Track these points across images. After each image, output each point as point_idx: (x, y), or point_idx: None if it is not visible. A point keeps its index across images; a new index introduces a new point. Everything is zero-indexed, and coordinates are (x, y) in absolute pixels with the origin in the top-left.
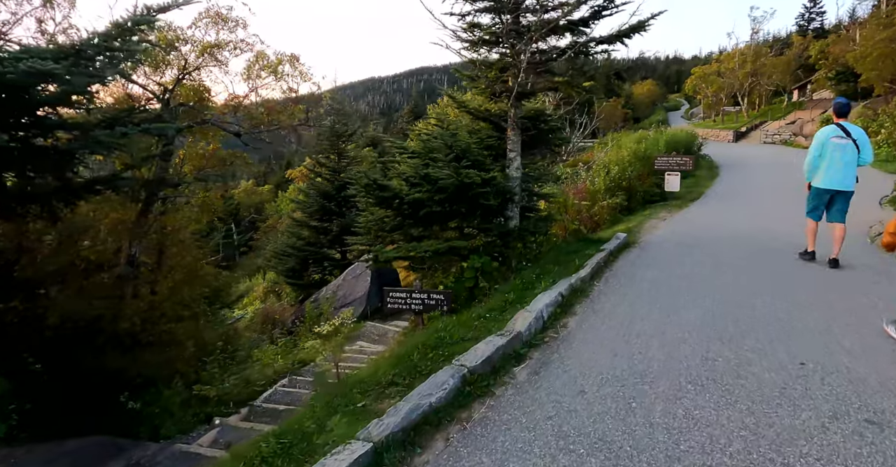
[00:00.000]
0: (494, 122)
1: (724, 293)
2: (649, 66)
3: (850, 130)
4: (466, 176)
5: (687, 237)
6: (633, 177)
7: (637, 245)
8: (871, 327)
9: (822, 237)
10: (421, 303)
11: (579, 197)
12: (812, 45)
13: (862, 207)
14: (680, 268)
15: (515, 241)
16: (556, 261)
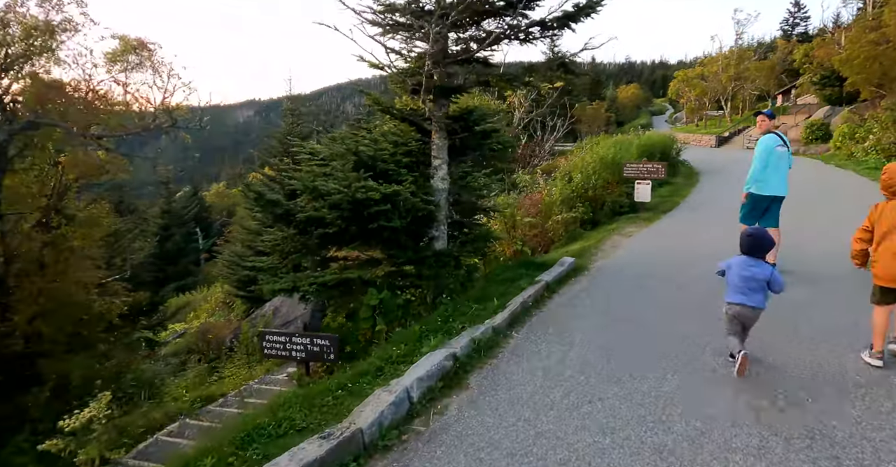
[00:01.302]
0: (416, 123)
1: (678, 361)
2: (635, 70)
3: (782, 136)
4: (359, 190)
5: (649, 262)
6: (599, 186)
7: (586, 273)
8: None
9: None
10: (303, 350)
11: (532, 210)
12: (796, 48)
13: (852, 219)
14: (629, 313)
15: (435, 269)
16: (481, 296)
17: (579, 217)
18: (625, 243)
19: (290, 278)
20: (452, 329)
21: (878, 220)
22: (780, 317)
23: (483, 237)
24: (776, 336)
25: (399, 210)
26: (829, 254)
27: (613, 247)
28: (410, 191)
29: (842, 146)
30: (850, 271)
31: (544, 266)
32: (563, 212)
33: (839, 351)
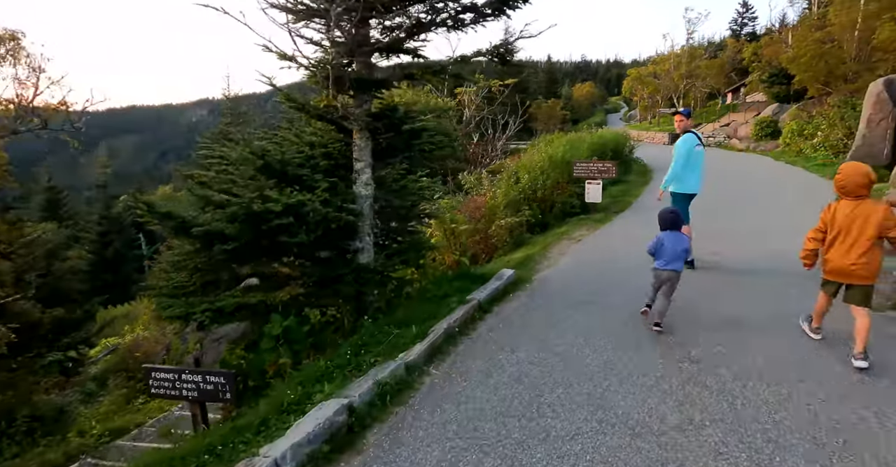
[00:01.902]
0: (335, 123)
1: (621, 408)
2: (591, 69)
3: (700, 138)
4: (255, 201)
5: (596, 271)
6: (548, 187)
7: (527, 287)
8: None
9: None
10: (195, 389)
11: (476, 214)
12: (745, 47)
13: (807, 218)
14: (568, 339)
15: (356, 287)
16: (406, 318)
17: (526, 221)
18: (572, 249)
19: (180, 303)
20: (362, 364)
21: (831, 221)
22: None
23: (417, 247)
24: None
25: (308, 222)
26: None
27: (560, 254)
28: (322, 199)
29: (791, 143)
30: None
31: (483, 279)
32: (507, 215)
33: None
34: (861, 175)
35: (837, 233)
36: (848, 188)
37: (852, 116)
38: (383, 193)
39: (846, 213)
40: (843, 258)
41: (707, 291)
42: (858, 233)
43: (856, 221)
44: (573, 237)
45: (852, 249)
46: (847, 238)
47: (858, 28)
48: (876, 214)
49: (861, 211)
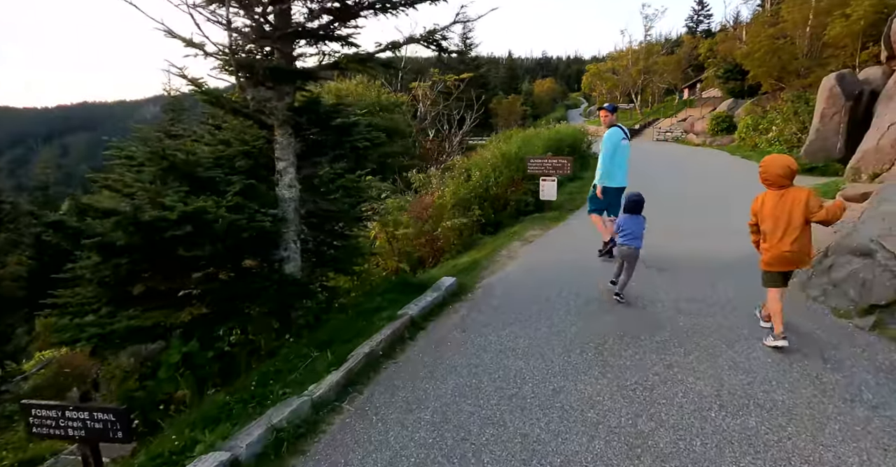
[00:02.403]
0: (252, 117)
1: None
2: (551, 65)
3: (626, 132)
4: (141, 208)
5: (546, 278)
6: (501, 185)
7: (468, 297)
8: None
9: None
10: (83, 427)
11: (423, 214)
12: (701, 43)
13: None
14: (507, 364)
15: (276, 302)
16: (330, 337)
17: (475, 221)
18: (522, 252)
19: (70, 326)
20: (269, 397)
21: (760, 213)
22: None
23: (352, 253)
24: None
25: (213, 231)
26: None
27: (509, 258)
28: (232, 204)
29: (746, 137)
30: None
31: (423, 287)
32: (456, 216)
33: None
34: (781, 167)
35: (769, 224)
36: (770, 180)
37: (806, 111)
38: (311, 195)
39: (773, 204)
40: (779, 245)
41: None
42: (788, 221)
43: (784, 210)
44: (525, 238)
45: (785, 237)
46: (778, 227)
47: (810, 24)
48: (801, 200)
49: (787, 199)
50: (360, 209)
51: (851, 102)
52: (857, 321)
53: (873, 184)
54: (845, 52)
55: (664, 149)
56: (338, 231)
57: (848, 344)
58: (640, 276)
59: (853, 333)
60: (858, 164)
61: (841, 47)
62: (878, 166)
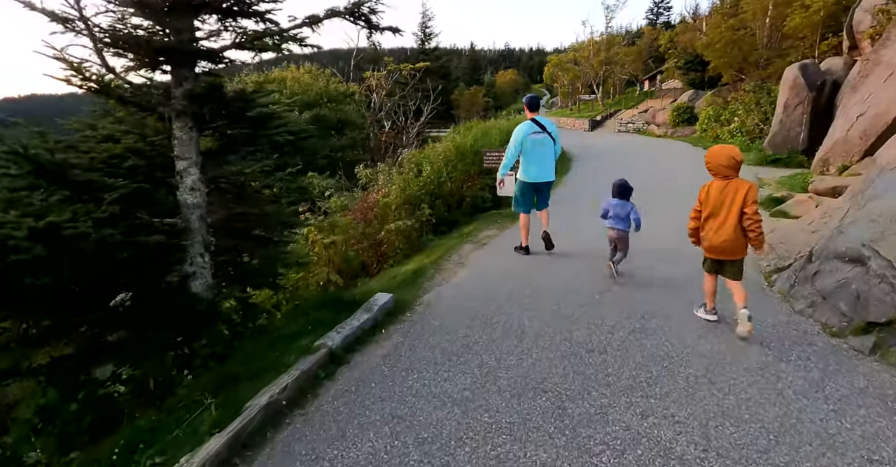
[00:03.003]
0: (143, 106)
1: None
2: (514, 57)
3: (545, 124)
4: None
5: (497, 288)
6: (456, 180)
7: (406, 317)
8: None
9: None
10: None
11: (368, 215)
12: (662, 35)
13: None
14: (440, 415)
15: (174, 332)
16: (240, 371)
17: (426, 220)
18: (475, 256)
19: None
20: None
21: (705, 200)
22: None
23: (275, 264)
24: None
25: (78, 252)
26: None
27: (458, 264)
28: (105, 215)
29: (708, 128)
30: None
31: (356, 305)
32: (403, 216)
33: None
34: (725, 157)
35: (711, 212)
36: (714, 170)
37: (768, 101)
38: (221, 198)
39: (717, 193)
40: (716, 235)
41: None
42: (728, 211)
43: (725, 200)
44: (478, 239)
45: (723, 226)
46: (718, 216)
47: (770, 15)
48: (741, 192)
49: (730, 189)
50: (289, 212)
51: (814, 93)
52: (852, 341)
53: (843, 176)
54: (804, 43)
55: (625, 140)
56: (262, 237)
57: (848, 373)
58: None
59: (851, 359)
60: (826, 156)
61: (800, 38)
62: (846, 158)
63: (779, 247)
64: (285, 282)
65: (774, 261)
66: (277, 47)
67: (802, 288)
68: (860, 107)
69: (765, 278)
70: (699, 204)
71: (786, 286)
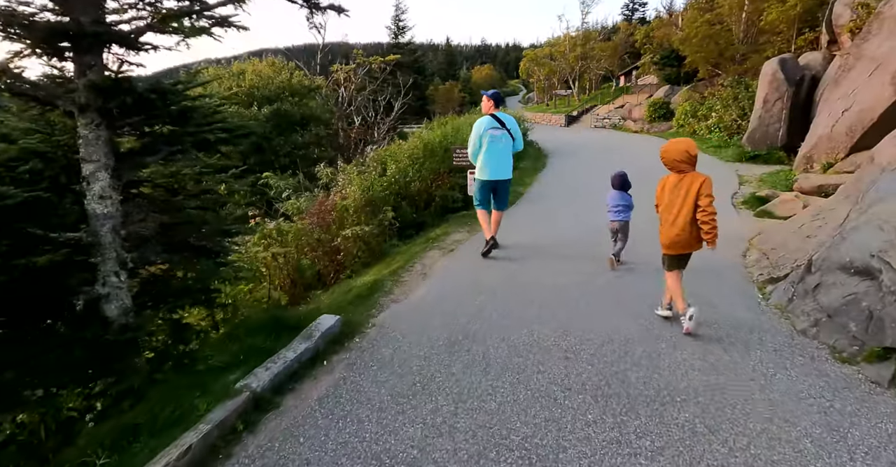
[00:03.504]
0: (43, 100)
1: None
2: (490, 52)
3: (504, 120)
4: None
5: (464, 305)
6: (424, 178)
7: (356, 342)
8: None
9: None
10: None
11: (325, 219)
12: (638, 30)
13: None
14: None
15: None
16: (152, 414)
17: (388, 225)
18: (441, 266)
19: None
20: None
21: (661, 194)
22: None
23: (209, 279)
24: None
25: None
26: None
27: (422, 275)
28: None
29: (684, 124)
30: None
31: (298, 329)
32: (362, 220)
33: None
34: (679, 152)
35: (665, 206)
36: (670, 165)
37: (746, 96)
38: (146, 206)
39: (672, 187)
40: (670, 229)
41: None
42: (681, 205)
43: (679, 193)
44: (445, 244)
45: (677, 220)
46: (672, 210)
47: (746, 10)
48: (695, 185)
49: (684, 183)
50: (233, 218)
51: (794, 88)
52: (867, 370)
53: (828, 174)
54: (781, 38)
55: (602, 136)
56: (197, 248)
57: (870, 414)
58: None
59: (871, 393)
60: (811, 153)
61: (776, 33)
62: (831, 155)
63: (771, 253)
64: (225, 299)
65: (767, 269)
66: (200, 30)
67: (803, 302)
68: (844, 102)
69: (758, 289)
70: (657, 199)
71: (783, 300)
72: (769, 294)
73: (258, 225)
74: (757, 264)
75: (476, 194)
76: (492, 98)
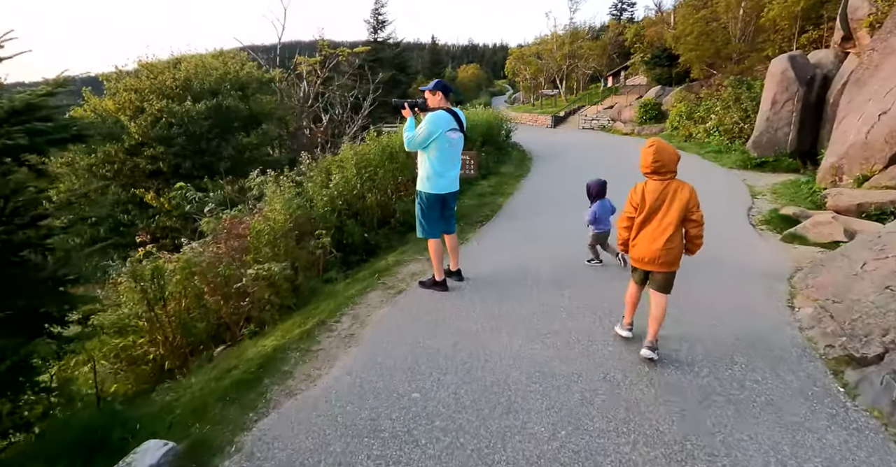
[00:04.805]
0: None
1: None
2: (478, 52)
3: (462, 119)
4: None
5: (397, 394)
6: (382, 189)
7: None
8: None
9: None
10: None
11: (239, 248)
12: (628, 28)
13: (722, 223)
14: None
15: None
16: None
17: (317, 255)
18: (377, 319)
19: None
20: None
21: (640, 204)
22: None
23: (24, 361)
24: None
25: None
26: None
27: (347, 338)
28: None
29: (679, 126)
30: None
31: (123, 452)
32: (281, 250)
33: None
34: (671, 154)
35: (647, 217)
36: (666, 167)
37: (749, 97)
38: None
39: (654, 196)
40: (652, 244)
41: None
42: (664, 217)
43: (663, 204)
44: (395, 280)
45: (662, 233)
46: (654, 221)
47: (744, 7)
48: (683, 195)
49: (668, 192)
50: (78, 258)
51: (805, 88)
52: None
53: (866, 189)
54: (782, 35)
55: (591, 138)
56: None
57: None
58: None
59: None
60: (840, 163)
61: (777, 31)
62: (866, 166)
63: (834, 309)
64: (52, 381)
65: (839, 338)
66: None
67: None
68: (878, 104)
69: (834, 375)
70: (632, 208)
71: (883, 402)
72: (854, 386)
73: (150, 256)
74: (818, 326)
75: (423, 216)
76: (439, 90)
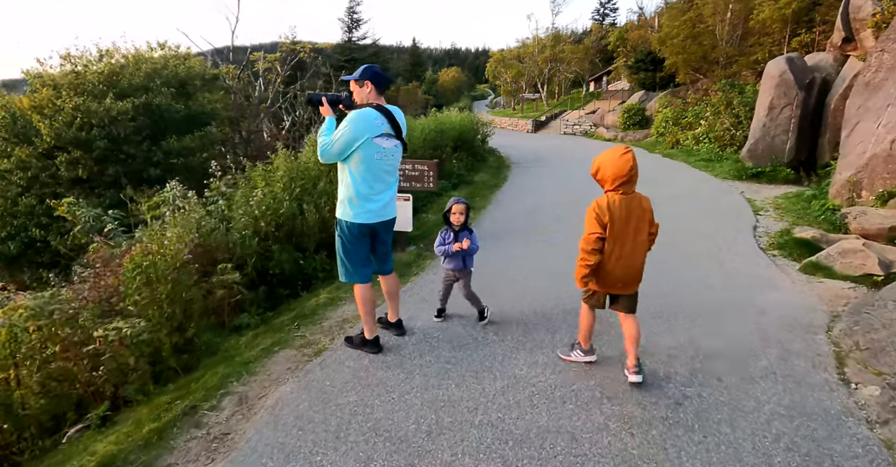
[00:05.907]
0: None
1: None
2: (460, 56)
3: (400, 121)
4: None
5: None
6: (324, 205)
7: None
8: None
9: None
10: None
11: (106, 292)
12: (611, 32)
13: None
14: None
15: None
16: None
17: (222, 295)
18: (272, 403)
19: None
20: None
21: (610, 222)
22: None
23: None
24: None
25: None
26: None
27: (216, 442)
28: None
29: (665, 133)
30: None
31: None
32: (166, 290)
33: None
34: (634, 166)
35: (616, 236)
36: (621, 180)
37: (741, 102)
38: None
39: (623, 213)
40: (622, 263)
41: None
42: (635, 234)
43: (631, 219)
44: (315, 334)
45: (633, 253)
46: (623, 239)
47: (731, 9)
48: (646, 208)
49: (634, 206)
50: None
51: (805, 93)
52: None
53: (894, 208)
54: (772, 39)
55: (573, 144)
56: None
57: None
58: None
59: None
60: (859, 177)
61: (767, 34)
62: (890, 181)
63: (890, 369)
64: None
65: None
66: None
67: None
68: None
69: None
70: (599, 228)
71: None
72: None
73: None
74: (893, 419)
75: (345, 253)
76: (367, 79)
